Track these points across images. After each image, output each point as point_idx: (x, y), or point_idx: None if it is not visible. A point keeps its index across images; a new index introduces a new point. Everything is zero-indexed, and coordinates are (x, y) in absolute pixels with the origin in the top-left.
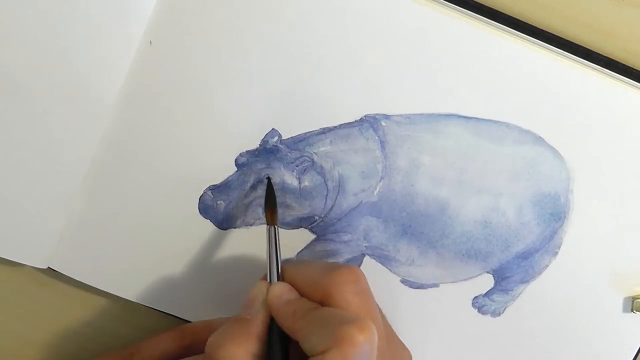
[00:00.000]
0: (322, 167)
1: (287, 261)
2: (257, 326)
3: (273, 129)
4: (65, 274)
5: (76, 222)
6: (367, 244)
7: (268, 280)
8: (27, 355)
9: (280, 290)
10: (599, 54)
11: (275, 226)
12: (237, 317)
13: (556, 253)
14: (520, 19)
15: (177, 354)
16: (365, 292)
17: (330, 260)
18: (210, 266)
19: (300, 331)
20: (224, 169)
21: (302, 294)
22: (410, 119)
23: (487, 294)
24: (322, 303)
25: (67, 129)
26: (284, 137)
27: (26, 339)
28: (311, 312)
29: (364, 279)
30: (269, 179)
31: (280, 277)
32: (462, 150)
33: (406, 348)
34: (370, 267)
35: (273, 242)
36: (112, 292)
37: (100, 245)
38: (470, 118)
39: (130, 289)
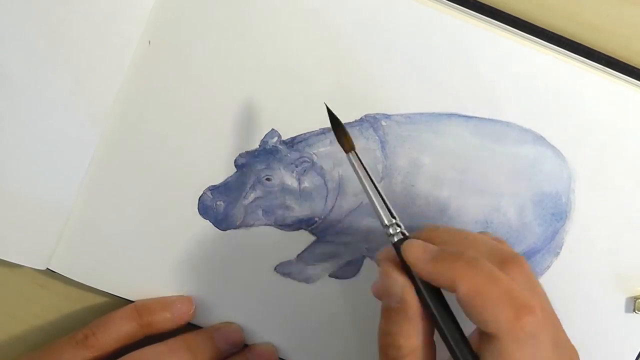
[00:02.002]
0: (322, 168)
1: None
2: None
3: (273, 129)
4: (64, 275)
5: (75, 223)
6: (367, 246)
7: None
8: None
9: (417, 247)
10: (600, 53)
11: (354, 152)
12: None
13: (558, 253)
14: (521, 17)
15: (134, 333)
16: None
17: (331, 262)
18: (210, 267)
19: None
20: (224, 170)
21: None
22: (411, 119)
23: None
24: None
25: (66, 129)
26: (283, 138)
27: (25, 340)
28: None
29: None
30: (326, 105)
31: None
32: (463, 150)
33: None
34: (371, 269)
35: (362, 168)
36: (111, 293)
37: (99, 246)
38: (471, 117)
39: (130, 289)
